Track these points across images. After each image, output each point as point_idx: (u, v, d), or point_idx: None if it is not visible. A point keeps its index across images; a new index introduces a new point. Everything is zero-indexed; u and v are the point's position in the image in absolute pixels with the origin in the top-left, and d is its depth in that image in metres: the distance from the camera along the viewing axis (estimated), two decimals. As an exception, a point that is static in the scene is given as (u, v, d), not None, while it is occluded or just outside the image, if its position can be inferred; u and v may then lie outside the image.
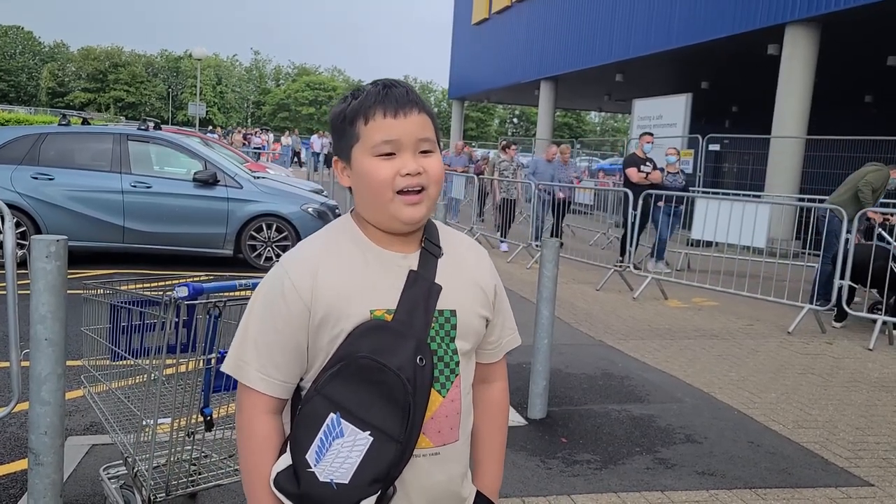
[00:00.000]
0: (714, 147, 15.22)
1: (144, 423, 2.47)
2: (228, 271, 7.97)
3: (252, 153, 22.58)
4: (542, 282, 4.21)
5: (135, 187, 8.01)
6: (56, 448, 2.39)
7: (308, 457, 1.16)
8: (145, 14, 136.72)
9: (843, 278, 6.70)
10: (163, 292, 2.45)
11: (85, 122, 9.35)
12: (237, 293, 2.34)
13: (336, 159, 1.29)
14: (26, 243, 7.19)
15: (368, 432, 1.15)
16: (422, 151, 1.23)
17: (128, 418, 2.67)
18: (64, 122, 8.56)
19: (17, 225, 7.56)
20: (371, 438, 1.15)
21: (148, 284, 2.87)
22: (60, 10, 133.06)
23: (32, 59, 74.69)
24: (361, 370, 1.17)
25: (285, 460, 1.20)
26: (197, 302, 2.30)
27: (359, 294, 1.21)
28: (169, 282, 2.92)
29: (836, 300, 6.76)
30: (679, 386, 4.96)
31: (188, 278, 7.08)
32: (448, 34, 32.22)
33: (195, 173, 8.20)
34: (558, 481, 3.36)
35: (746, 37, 13.29)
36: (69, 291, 2.41)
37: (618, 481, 3.39)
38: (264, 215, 8.35)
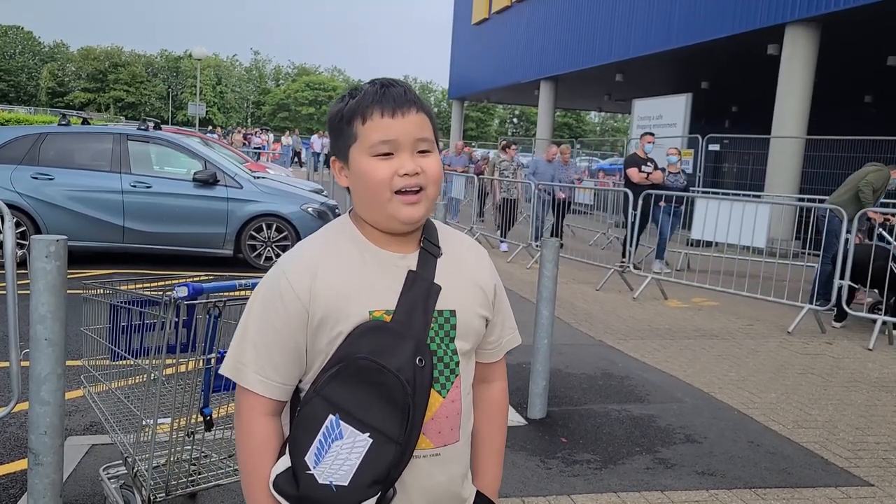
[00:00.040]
0: (714, 147, 15.22)
1: (144, 423, 2.47)
2: (228, 271, 7.97)
3: (252, 153, 22.58)
4: (542, 282, 4.21)
5: (135, 187, 8.01)
6: (56, 448, 2.39)
7: (307, 459, 1.16)
8: (145, 14, 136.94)
9: (842, 278, 6.71)
10: (162, 292, 2.45)
11: (85, 122, 9.34)
12: (237, 293, 2.34)
13: (334, 159, 1.28)
14: (26, 243, 7.19)
15: (368, 434, 1.14)
16: (420, 151, 1.21)
17: (127, 418, 2.67)
18: (64, 122, 8.56)
19: (17, 225, 7.56)
20: (370, 440, 1.14)
21: (148, 284, 2.87)
22: (60, 10, 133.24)
23: (32, 59, 74.69)
24: (360, 371, 1.16)
25: (284, 462, 1.19)
26: (197, 302, 2.30)
27: (357, 295, 1.20)
28: (169, 282, 2.92)
29: (836, 300, 6.76)
30: (679, 386, 4.96)
31: (188, 278, 7.08)
32: (448, 34, 32.27)
33: (195, 173, 8.20)
34: (558, 481, 3.36)
35: (746, 37, 13.29)
36: (69, 291, 2.41)
37: (618, 481, 3.39)
38: (264, 215, 8.35)
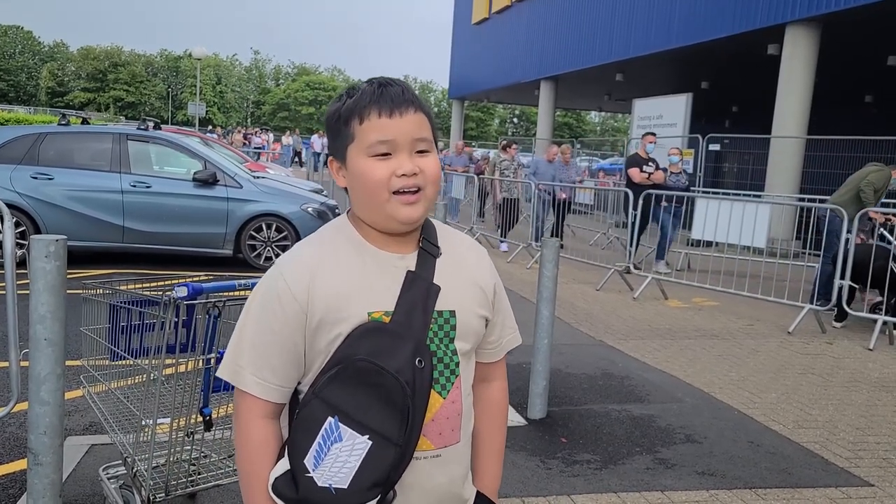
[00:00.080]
0: (714, 147, 15.22)
1: (144, 423, 2.47)
2: (228, 271, 7.96)
3: (252, 153, 22.59)
4: (542, 282, 4.20)
5: (134, 187, 8.00)
6: (55, 448, 2.39)
7: (306, 461, 1.15)
8: (145, 14, 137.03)
9: (843, 278, 6.70)
10: (162, 292, 2.45)
11: (84, 121, 9.35)
12: (236, 293, 2.34)
13: (331, 159, 1.27)
14: (26, 243, 7.19)
15: (367, 436, 1.13)
16: (418, 151, 1.20)
17: (127, 418, 2.67)
18: (63, 122, 8.56)
19: (17, 225, 7.56)
20: (370, 442, 1.13)
21: (147, 284, 2.87)
22: (60, 9, 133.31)
23: (32, 59, 74.70)
24: (359, 373, 1.15)
25: (283, 465, 1.18)
26: (196, 302, 2.30)
27: (356, 296, 1.19)
28: (168, 282, 2.91)
29: (837, 300, 6.76)
30: (679, 386, 4.95)
31: (187, 278, 7.08)
32: (448, 34, 32.24)
33: (195, 173, 8.20)
34: (558, 481, 3.36)
35: (746, 36, 13.29)
36: (68, 291, 2.40)
37: (618, 481, 3.39)
38: (264, 215, 8.34)
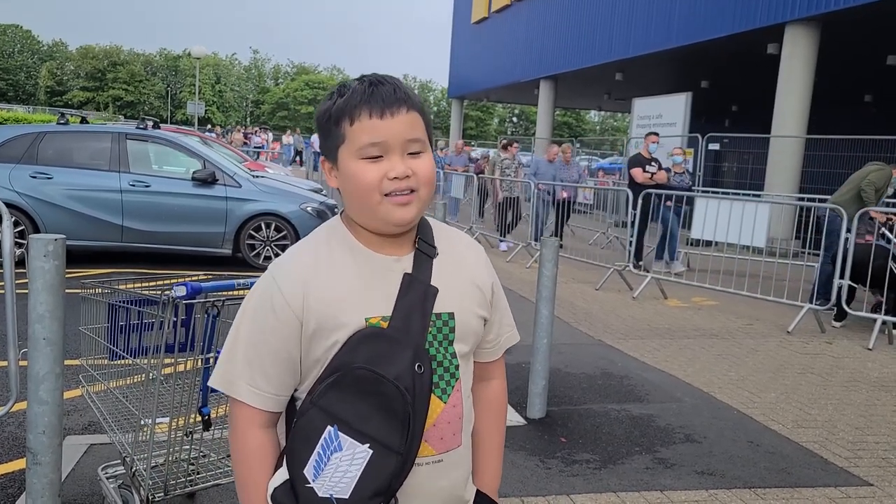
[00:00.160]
0: (714, 146, 15.22)
1: (143, 422, 2.47)
2: (227, 270, 7.96)
3: (252, 152, 22.59)
4: (542, 281, 4.20)
5: (133, 186, 8.00)
6: (54, 447, 2.39)
7: (306, 472, 1.13)
8: (144, 13, 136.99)
9: (842, 278, 6.70)
10: (161, 291, 2.45)
11: (83, 120, 9.34)
12: (235, 292, 2.33)
13: (323, 159, 1.24)
14: (24, 242, 7.18)
15: (367, 445, 1.11)
16: (411, 153, 1.17)
17: (126, 418, 2.67)
18: (62, 121, 8.55)
19: (16, 224, 7.55)
20: (370, 451, 1.11)
21: (146, 283, 2.87)
22: (59, 8, 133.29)
23: (31, 58, 74.60)
24: (358, 381, 1.13)
25: (282, 475, 1.16)
26: (195, 301, 2.29)
27: (352, 302, 1.17)
28: (167, 281, 2.91)
29: (836, 299, 6.75)
30: (678, 385, 4.95)
31: (186, 277, 7.07)
32: (447, 33, 32.25)
33: (194, 172, 8.20)
34: (557, 481, 3.36)
35: (746, 36, 13.29)
36: (67, 291, 2.40)
37: (617, 481, 3.39)
38: (263, 214, 8.34)
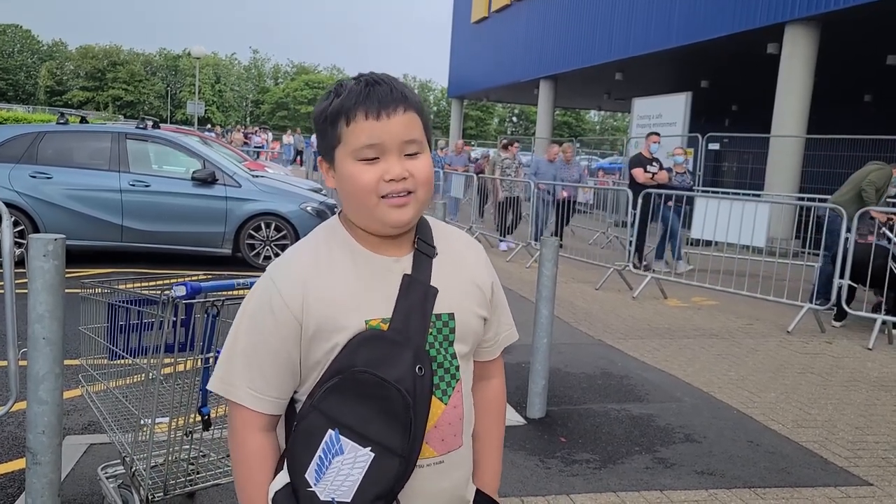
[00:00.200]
0: (714, 146, 15.22)
1: (142, 422, 2.47)
2: (227, 270, 7.96)
3: (252, 152, 22.60)
4: (542, 281, 4.20)
5: (133, 186, 8.00)
6: (54, 447, 2.38)
7: (308, 476, 1.12)
8: (144, 13, 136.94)
9: (842, 277, 6.70)
10: (161, 291, 2.45)
11: (83, 120, 9.34)
12: (235, 292, 2.33)
13: (321, 159, 1.23)
14: (24, 242, 7.18)
15: (369, 448, 1.11)
16: (408, 154, 1.16)
17: (126, 417, 2.67)
18: (62, 121, 8.55)
19: (15, 224, 7.55)
20: (372, 454, 1.11)
21: (146, 283, 2.87)
22: (59, 8, 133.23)
23: (31, 58, 74.57)
24: (359, 384, 1.12)
25: (282, 478, 1.16)
26: (195, 301, 2.29)
27: (352, 304, 1.16)
28: (167, 281, 2.91)
29: (836, 299, 6.75)
30: (678, 385, 4.95)
31: (186, 277, 7.07)
32: (447, 33, 32.24)
33: (194, 172, 8.19)
34: (557, 481, 3.35)
35: (746, 36, 13.29)
36: (67, 290, 2.40)
37: (617, 481, 3.39)
38: (263, 214, 8.34)
